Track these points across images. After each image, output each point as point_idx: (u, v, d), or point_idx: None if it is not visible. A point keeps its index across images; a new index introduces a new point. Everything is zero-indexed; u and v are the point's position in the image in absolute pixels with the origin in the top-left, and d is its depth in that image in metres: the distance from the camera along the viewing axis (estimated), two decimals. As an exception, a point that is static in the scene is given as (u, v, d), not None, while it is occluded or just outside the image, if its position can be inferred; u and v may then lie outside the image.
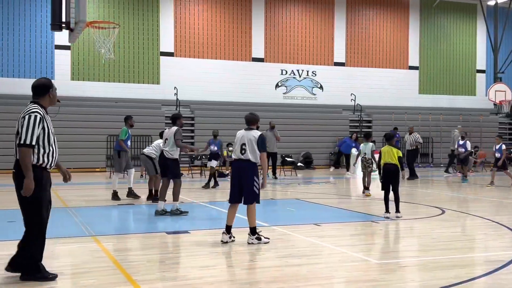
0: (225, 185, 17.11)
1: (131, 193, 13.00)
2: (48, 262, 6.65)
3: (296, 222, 9.59)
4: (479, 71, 31.29)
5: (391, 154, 10.11)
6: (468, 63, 31.01)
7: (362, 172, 14.49)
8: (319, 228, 9.04)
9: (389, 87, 29.04)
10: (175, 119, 10.76)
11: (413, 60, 29.85)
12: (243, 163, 7.64)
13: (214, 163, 16.13)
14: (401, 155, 10.22)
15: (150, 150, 12.88)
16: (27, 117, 5.52)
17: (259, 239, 7.60)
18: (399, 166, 10.13)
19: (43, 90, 5.77)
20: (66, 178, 6.01)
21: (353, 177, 20.34)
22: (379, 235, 8.72)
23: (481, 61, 31.31)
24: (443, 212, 10.92)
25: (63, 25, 12.11)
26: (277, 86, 27.28)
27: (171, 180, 10.51)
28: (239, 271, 6.37)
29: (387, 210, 10.15)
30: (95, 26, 17.21)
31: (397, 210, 10.06)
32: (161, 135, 12.81)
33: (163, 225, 9.65)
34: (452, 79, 30.67)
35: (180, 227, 9.32)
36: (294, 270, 6.23)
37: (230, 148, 20.75)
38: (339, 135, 25.50)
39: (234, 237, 7.76)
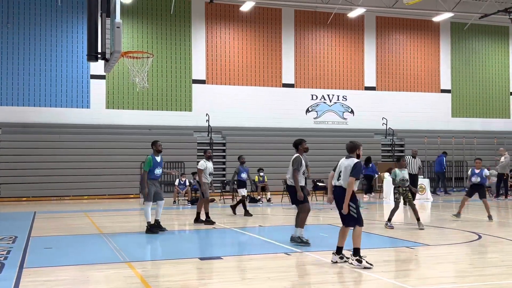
0: (256, 211, 17.05)
1: (159, 226, 11.82)
2: (84, 288, 6.72)
3: (330, 248, 9.44)
4: (513, 93, 30.75)
5: None
6: (501, 86, 30.49)
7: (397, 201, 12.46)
8: (353, 254, 8.89)
9: (421, 111, 28.72)
10: (296, 145, 10.28)
11: (445, 83, 29.51)
12: (337, 189, 7.98)
13: (244, 191, 15.67)
14: None
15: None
16: None
17: (359, 261, 7.64)
18: None
19: None
20: None
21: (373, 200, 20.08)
22: (415, 261, 8.54)
23: (515, 83, 30.77)
24: (480, 237, 10.63)
25: (99, 56, 12.37)
26: (307, 111, 27.28)
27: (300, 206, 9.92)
28: (272, 298, 6.31)
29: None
30: (130, 56, 17.54)
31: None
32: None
33: (195, 251, 9.65)
34: (486, 102, 30.16)
35: (212, 253, 9.32)
36: (328, 297, 6.13)
37: (261, 174, 20.76)
38: (372, 159, 25.17)
39: (347, 258, 7.87)
